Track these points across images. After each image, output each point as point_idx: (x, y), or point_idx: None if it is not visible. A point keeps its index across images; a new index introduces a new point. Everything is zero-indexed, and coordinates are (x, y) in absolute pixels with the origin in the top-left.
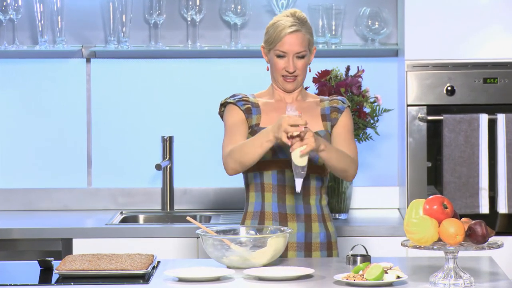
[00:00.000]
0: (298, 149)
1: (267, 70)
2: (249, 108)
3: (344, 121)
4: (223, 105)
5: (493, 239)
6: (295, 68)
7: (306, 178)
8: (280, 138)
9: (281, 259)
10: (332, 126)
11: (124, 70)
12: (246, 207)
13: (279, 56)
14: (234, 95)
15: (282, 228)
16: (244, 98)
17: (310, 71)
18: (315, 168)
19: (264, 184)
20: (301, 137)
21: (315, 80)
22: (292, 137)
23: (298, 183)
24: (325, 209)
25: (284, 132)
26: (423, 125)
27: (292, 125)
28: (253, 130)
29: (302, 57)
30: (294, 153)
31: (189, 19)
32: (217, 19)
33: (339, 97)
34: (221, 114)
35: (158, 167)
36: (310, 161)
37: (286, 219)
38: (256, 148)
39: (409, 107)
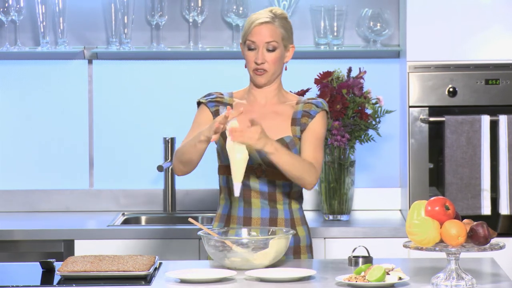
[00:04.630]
0: (237, 145)
1: (245, 67)
2: (218, 110)
3: (314, 127)
4: (198, 104)
5: (495, 240)
6: (264, 60)
7: (272, 185)
8: (210, 137)
9: (282, 260)
10: (302, 131)
11: (126, 72)
12: (217, 208)
13: (250, 49)
14: (209, 94)
15: (285, 230)
16: (217, 99)
17: (286, 69)
18: (282, 174)
19: (231, 188)
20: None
21: (316, 82)
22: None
23: (237, 186)
24: (296, 213)
25: (215, 131)
26: (425, 127)
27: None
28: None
29: (273, 49)
30: (229, 144)
31: (190, 20)
32: (219, 21)
33: (314, 101)
34: None
35: (160, 168)
36: (276, 168)
37: (251, 223)
38: (191, 148)
39: (411, 109)
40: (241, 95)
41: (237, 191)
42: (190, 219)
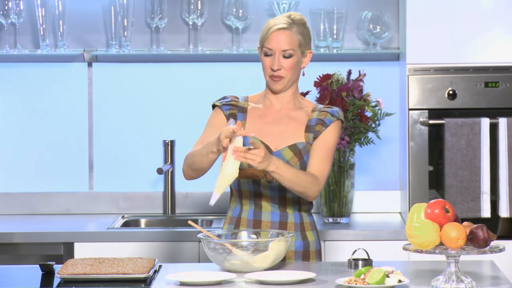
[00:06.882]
0: (232, 161)
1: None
2: (234, 114)
3: (326, 137)
4: (213, 106)
5: (494, 243)
6: (280, 66)
7: (282, 190)
8: (220, 149)
9: (282, 263)
10: (315, 139)
11: (126, 74)
12: (228, 211)
13: (266, 55)
14: (224, 98)
15: (284, 232)
16: (232, 102)
17: (304, 75)
18: None
19: (242, 191)
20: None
21: (316, 84)
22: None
23: (214, 197)
24: (306, 217)
25: (223, 145)
26: (425, 129)
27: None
28: None
29: (289, 56)
30: (226, 163)
31: (190, 23)
32: (219, 23)
33: (329, 109)
34: None
35: (159, 171)
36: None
37: (261, 226)
38: (203, 157)
39: (410, 111)
40: (257, 99)
41: (212, 201)
42: (189, 222)
